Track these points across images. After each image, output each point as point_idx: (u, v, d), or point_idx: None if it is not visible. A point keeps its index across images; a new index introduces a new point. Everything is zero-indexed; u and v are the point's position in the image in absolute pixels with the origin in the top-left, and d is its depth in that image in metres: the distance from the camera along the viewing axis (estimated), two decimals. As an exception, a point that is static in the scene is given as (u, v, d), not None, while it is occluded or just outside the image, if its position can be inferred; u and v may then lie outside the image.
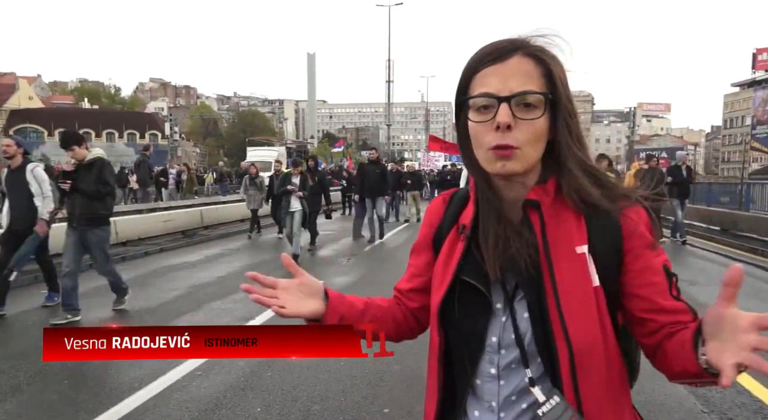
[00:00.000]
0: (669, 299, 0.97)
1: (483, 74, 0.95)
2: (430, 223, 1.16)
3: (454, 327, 1.03)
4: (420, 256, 1.17)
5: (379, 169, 11.75)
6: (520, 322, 0.97)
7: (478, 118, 0.95)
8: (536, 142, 0.94)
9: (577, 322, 0.93)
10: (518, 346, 0.97)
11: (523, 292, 0.97)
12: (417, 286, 1.17)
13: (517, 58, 0.94)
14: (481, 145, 0.95)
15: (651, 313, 0.97)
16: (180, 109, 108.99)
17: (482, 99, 0.94)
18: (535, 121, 0.93)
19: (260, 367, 4.34)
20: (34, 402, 3.70)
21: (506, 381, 0.99)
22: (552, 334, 0.93)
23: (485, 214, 1.02)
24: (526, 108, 0.92)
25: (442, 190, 4.70)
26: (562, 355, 0.92)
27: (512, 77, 0.92)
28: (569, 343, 0.92)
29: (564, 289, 0.94)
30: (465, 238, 1.04)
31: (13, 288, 7.37)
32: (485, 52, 0.96)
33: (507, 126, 0.91)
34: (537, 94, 0.92)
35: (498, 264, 0.98)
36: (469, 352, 1.02)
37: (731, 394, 3.76)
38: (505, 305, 0.99)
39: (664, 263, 0.98)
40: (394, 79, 50.76)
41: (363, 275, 8.41)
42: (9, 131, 56.39)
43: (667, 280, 0.97)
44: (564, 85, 0.96)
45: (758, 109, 64.76)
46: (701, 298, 6.60)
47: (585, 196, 0.97)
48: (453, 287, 1.02)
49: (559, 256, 0.95)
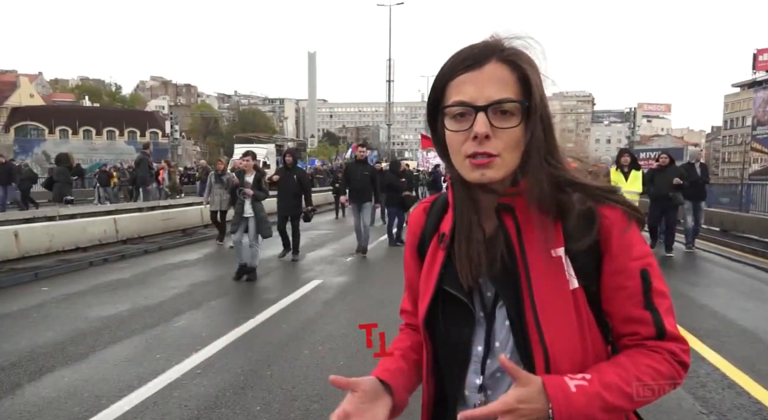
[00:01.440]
0: (636, 306, 0.94)
1: (458, 81, 0.93)
2: (413, 232, 1.15)
3: (441, 337, 1.03)
4: (410, 268, 1.15)
5: (367, 170, 10.30)
6: (501, 329, 0.97)
7: (455, 127, 0.93)
8: (515, 149, 0.92)
9: (552, 326, 0.92)
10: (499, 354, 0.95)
11: (502, 300, 0.96)
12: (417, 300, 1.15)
13: (493, 65, 0.92)
14: (458, 152, 0.94)
15: (614, 319, 0.96)
16: (181, 107, 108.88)
17: (458, 107, 0.93)
18: (512, 130, 0.91)
19: (260, 366, 4.34)
20: (34, 399, 3.70)
21: (493, 391, 0.98)
22: (529, 341, 0.92)
23: (460, 223, 1.01)
24: (503, 115, 0.91)
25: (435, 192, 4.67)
26: (538, 362, 0.92)
27: (488, 85, 0.91)
28: (545, 349, 0.91)
29: (540, 293, 0.93)
30: (445, 247, 1.03)
31: (12, 285, 7.40)
32: (460, 58, 0.94)
33: (485, 136, 0.90)
34: (513, 102, 0.91)
35: (472, 273, 0.97)
36: (456, 363, 1.01)
37: (731, 395, 3.77)
38: (489, 313, 0.98)
39: (644, 268, 0.94)
40: (395, 78, 50.79)
41: (364, 275, 8.41)
42: (10, 129, 56.41)
43: (641, 286, 0.94)
44: (539, 89, 0.94)
45: (759, 109, 64.64)
46: (702, 300, 6.60)
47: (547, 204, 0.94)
48: (436, 297, 1.02)
49: (535, 260, 0.94)
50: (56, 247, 9.67)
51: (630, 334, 0.95)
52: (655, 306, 0.94)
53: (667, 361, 0.93)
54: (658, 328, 0.93)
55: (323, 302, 6.55)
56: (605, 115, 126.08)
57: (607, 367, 0.92)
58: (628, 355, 0.94)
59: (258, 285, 7.54)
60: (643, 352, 0.93)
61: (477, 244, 0.97)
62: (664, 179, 9.52)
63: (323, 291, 7.13)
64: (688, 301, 6.44)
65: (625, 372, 0.90)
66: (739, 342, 4.99)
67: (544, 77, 0.95)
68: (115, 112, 71.03)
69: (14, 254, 8.77)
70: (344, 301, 6.66)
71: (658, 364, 0.92)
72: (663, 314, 0.94)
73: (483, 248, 0.96)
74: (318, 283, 7.47)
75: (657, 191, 9.58)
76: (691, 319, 5.55)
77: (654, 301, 0.94)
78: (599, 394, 0.88)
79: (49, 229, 9.88)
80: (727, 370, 4.21)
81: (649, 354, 0.93)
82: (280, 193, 9.48)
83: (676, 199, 9.70)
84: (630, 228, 0.96)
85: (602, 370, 0.92)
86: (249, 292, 7.09)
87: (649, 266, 0.95)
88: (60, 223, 10.64)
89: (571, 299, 0.93)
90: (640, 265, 0.95)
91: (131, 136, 61.41)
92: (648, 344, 0.94)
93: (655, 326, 0.93)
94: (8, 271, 8.14)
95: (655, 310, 0.94)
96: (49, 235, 9.64)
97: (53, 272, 8.27)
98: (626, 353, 0.95)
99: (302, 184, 9.50)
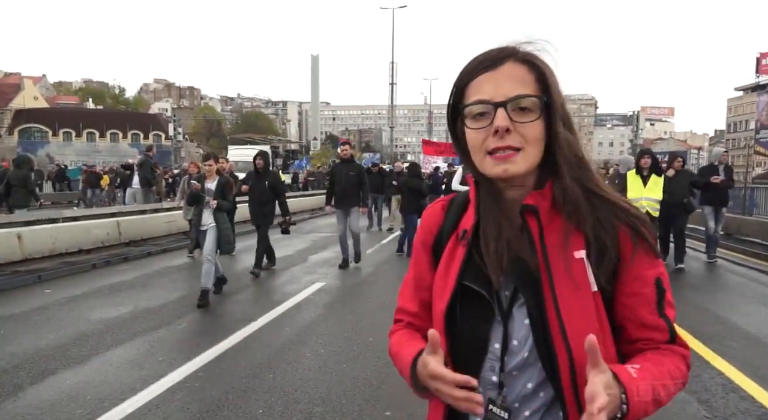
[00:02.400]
0: (652, 314, 0.97)
1: (477, 82, 0.96)
2: (429, 229, 1.14)
3: (457, 334, 1.03)
4: (421, 264, 1.15)
5: (354, 170, 9.00)
6: (520, 328, 0.97)
7: (476, 125, 0.95)
8: (536, 144, 0.95)
9: (576, 327, 0.92)
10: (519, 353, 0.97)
11: (523, 298, 0.97)
12: (426, 300, 1.13)
13: (510, 65, 0.95)
14: (479, 150, 0.96)
15: (630, 323, 0.98)
16: (184, 110, 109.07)
17: (478, 106, 0.94)
18: (532, 124, 0.93)
19: (262, 369, 4.34)
20: (36, 402, 3.71)
21: (509, 388, 0.99)
22: (551, 340, 0.93)
23: (486, 220, 1.02)
24: (522, 112, 0.93)
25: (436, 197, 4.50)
26: (562, 361, 0.92)
27: (506, 83, 0.93)
28: (569, 349, 0.92)
29: (563, 295, 0.94)
30: (466, 244, 1.03)
31: (15, 287, 7.41)
32: (477, 60, 0.97)
33: (506, 129, 0.92)
34: (532, 97, 0.93)
35: (500, 269, 0.98)
36: (471, 360, 1.01)
37: (734, 399, 3.75)
38: (506, 311, 0.99)
39: (658, 276, 0.98)
40: (398, 81, 50.73)
41: (366, 278, 8.40)
42: (13, 131, 56.63)
43: (656, 294, 0.97)
44: (557, 90, 0.96)
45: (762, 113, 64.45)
46: (705, 304, 6.58)
47: (577, 209, 0.96)
48: (456, 293, 1.02)
49: (557, 262, 0.95)
50: (59, 250, 9.68)
51: (645, 339, 0.98)
52: (667, 315, 0.98)
53: (682, 363, 0.98)
54: (671, 335, 0.98)
55: (325, 305, 6.54)
56: (608, 119, 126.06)
57: (644, 362, 0.95)
58: (656, 354, 0.97)
59: (260, 288, 7.54)
60: (664, 353, 0.98)
61: (503, 243, 0.98)
62: (678, 185, 8.54)
63: (325, 294, 7.12)
64: (691, 305, 6.41)
65: (659, 369, 0.94)
66: (743, 346, 4.97)
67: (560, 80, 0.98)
68: (119, 114, 71.40)
69: (17, 256, 8.79)
70: (346, 303, 6.65)
71: (679, 364, 0.98)
72: (673, 323, 0.99)
73: (506, 247, 0.98)
74: (320, 286, 7.46)
75: (671, 198, 8.30)
76: (695, 323, 5.52)
77: (666, 310, 0.98)
78: (652, 385, 0.91)
79: (53, 231, 9.90)
80: (731, 374, 4.20)
81: (669, 355, 0.98)
82: (250, 200, 8.66)
83: (691, 206, 8.88)
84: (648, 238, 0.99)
85: (642, 365, 0.94)
86: (251, 295, 7.09)
87: (662, 275, 0.99)
88: (63, 226, 10.65)
89: (593, 301, 0.95)
90: (655, 273, 0.98)
91: (134, 138, 61.66)
92: (662, 347, 0.98)
93: (669, 333, 0.98)
94: (11, 273, 8.16)
95: (667, 317, 0.98)
96: (52, 237, 9.66)
97: (56, 274, 8.28)
98: (652, 353, 0.98)
99: (275, 190, 8.47)
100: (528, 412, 0.97)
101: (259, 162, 8.49)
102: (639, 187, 7.80)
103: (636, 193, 7.68)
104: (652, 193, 7.79)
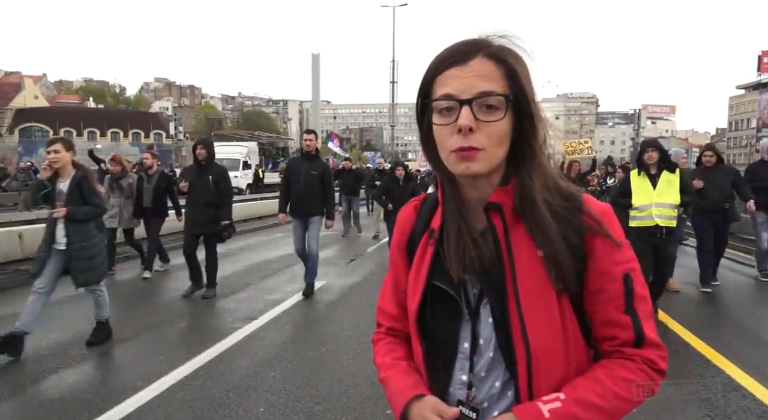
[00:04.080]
0: (617, 310, 0.95)
1: (444, 76, 0.94)
2: (402, 230, 1.14)
3: (429, 334, 1.03)
4: (398, 265, 1.15)
5: (316, 169, 6.71)
6: (485, 327, 0.97)
7: (441, 121, 0.94)
8: (499, 144, 0.93)
9: (537, 325, 0.92)
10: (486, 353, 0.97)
11: (487, 297, 0.97)
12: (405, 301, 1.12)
13: (479, 60, 0.92)
14: (444, 147, 0.94)
15: (596, 321, 0.97)
16: (184, 108, 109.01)
17: (444, 101, 0.93)
18: (496, 123, 0.91)
19: (263, 367, 4.34)
20: (37, 401, 3.71)
21: (478, 388, 0.99)
22: (512, 339, 0.93)
23: (449, 218, 1.01)
24: (488, 110, 0.91)
25: None
26: (520, 359, 0.92)
27: (473, 79, 0.91)
28: (527, 347, 0.92)
29: (525, 293, 0.93)
30: (434, 243, 1.03)
31: (17, 286, 7.41)
32: (446, 54, 0.95)
33: (469, 129, 0.90)
34: (498, 96, 0.91)
35: (460, 267, 0.97)
36: (442, 359, 1.01)
37: (735, 398, 3.74)
38: (474, 310, 0.99)
39: (627, 272, 0.96)
40: (399, 79, 50.64)
41: (367, 277, 8.40)
42: (14, 130, 56.65)
43: (623, 291, 0.95)
44: (528, 84, 0.94)
45: (764, 111, 64.47)
46: (707, 303, 6.56)
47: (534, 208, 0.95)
48: (426, 293, 1.02)
49: (521, 260, 0.94)
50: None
51: (610, 337, 0.96)
52: (636, 311, 0.95)
53: (642, 371, 0.94)
54: (637, 333, 0.95)
55: (326, 304, 6.54)
56: (609, 117, 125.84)
57: (583, 383, 0.93)
58: (605, 367, 0.95)
59: (261, 286, 7.53)
60: (620, 362, 0.95)
61: (466, 239, 0.97)
62: (715, 185, 6.66)
63: (326, 292, 7.12)
64: (692, 304, 6.42)
65: (601, 387, 0.92)
66: (744, 344, 4.96)
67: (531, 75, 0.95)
68: (120, 113, 71.50)
69: (18, 255, 8.79)
70: (347, 302, 6.65)
71: (634, 375, 0.94)
72: (643, 319, 0.95)
73: (471, 244, 0.97)
74: (321, 285, 7.46)
75: (705, 201, 6.57)
76: (696, 322, 5.52)
77: (635, 306, 0.95)
78: (574, 415, 0.89)
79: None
80: (732, 372, 4.19)
81: (625, 364, 0.94)
82: (189, 201, 6.81)
83: (734, 213, 6.92)
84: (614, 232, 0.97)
85: (578, 386, 0.92)
86: (252, 294, 7.09)
87: (632, 271, 0.96)
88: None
89: (556, 299, 0.94)
90: (623, 269, 0.96)
91: (135, 137, 61.71)
92: (626, 352, 0.95)
93: (634, 331, 0.95)
94: (13, 271, 8.15)
95: (635, 314, 0.95)
96: (53, 236, 9.64)
97: (57, 273, 8.26)
98: (603, 365, 0.96)
99: (219, 188, 6.65)
100: (497, 411, 0.97)
101: (201, 151, 6.68)
102: (647, 191, 5.54)
103: (644, 199, 5.53)
104: (666, 198, 5.48)
